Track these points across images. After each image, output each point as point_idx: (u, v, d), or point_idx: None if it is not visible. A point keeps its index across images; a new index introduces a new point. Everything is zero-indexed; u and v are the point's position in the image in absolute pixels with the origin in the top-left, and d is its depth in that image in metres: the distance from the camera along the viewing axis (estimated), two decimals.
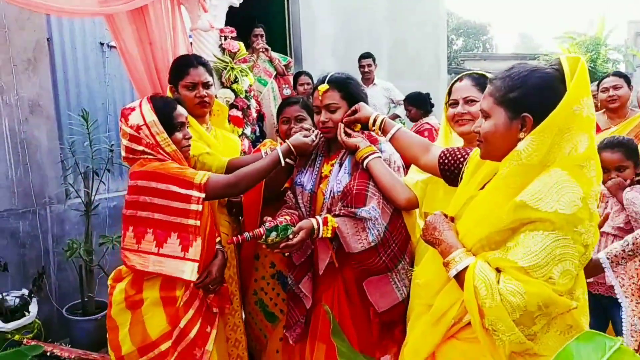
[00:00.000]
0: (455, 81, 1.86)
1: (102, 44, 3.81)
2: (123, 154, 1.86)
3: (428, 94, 5.07)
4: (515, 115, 1.27)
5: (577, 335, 0.73)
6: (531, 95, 1.25)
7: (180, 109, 1.87)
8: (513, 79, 1.28)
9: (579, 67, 1.22)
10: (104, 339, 3.17)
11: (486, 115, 1.33)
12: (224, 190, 1.85)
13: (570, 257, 1.19)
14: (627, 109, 3.29)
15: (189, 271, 1.75)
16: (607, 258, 1.94)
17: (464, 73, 1.88)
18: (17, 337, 2.72)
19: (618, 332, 2.36)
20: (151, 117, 1.79)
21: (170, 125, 1.82)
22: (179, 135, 1.84)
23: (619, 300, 2.06)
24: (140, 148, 1.80)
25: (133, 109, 1.82)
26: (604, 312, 2.42)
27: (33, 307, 2.92)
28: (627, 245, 1.94)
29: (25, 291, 2.97)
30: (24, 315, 2.85)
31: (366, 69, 5.52)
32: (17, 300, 2.90)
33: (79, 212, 3.29)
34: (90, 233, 3.19)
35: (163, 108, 1.83)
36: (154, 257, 1.75)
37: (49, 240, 3.30)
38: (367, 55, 5.51)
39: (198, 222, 1.76)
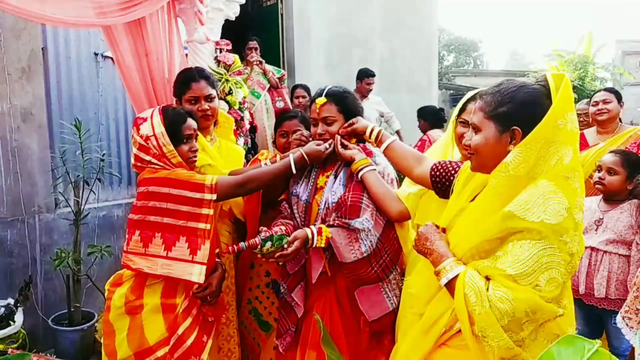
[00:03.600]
0: (471, 99, 1.84)
1: (96, 54, 3.83)
2: (132, 161, 1.90)
3: (441, 109, 5.27)
4: (504, 129, 1.32)
5: (559, 339, 0.77)
6: (519, 109, 1.31)
7: (190, 122, 1.90)
8: (502, 94, 1.34)
9: (563, 84, 1.28)
10: (89, 349, 3.18)
11: (477, 129, 1.38)
12: (234, 190, 1.89)
13: (557, 266, 1.23)
14: (616, 125, 3.32)
15: (197, 273, 1.77)
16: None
17: (481, 92, 1.81)
18: (1, 346, 2.69)
19: (611, 340, 2.39)
20: (159, 128, 1.83)
21: (178, 137, 1.86)
22: (184, 147, 1.87)
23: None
24: (148, 158, 1.84)
25: (145, 119, 1.87)
26: (598, 321, 2.46)
27: (18, 317, 2.88)
28: None
29: (11, 300, 2.94)
30: (9, 325, 2.81)
31: (371, 87, 5.62)
32: (3, 309, 2.87)
33: (67, 222, 3.28)
34: (78, 242, 3.18)
35: (172, 120, 1.86)
36: (163, 260, 1.77)
37: (37, 249, 3.28)
38: (374, 74, 5.61)
39: (209, 226, 1.80)
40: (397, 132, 5.83)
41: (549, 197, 1.24)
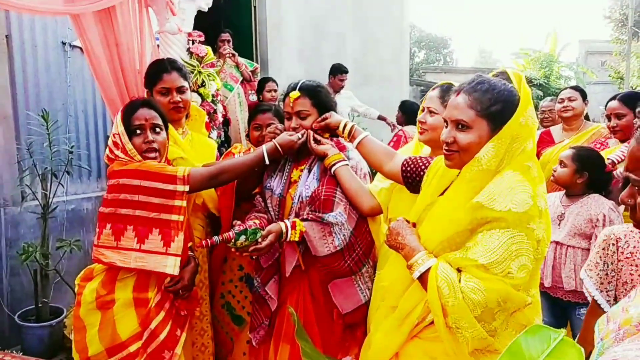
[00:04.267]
0: (435, 88, 1.90)
1: (64, 43, 3.72)
2: (107, 152, 1.89)
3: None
4: (496, 127, 1.35)
5: (526, 329, 0.81)
6: (509, 108, 1.35)
7: (140, 112, 1.86)
8: (492, 92, 1.35)
9: (523, 84, 1.37)
10: (58, 346, 3.11)
11: (466, 127, 1.37)
12: (207, 181, 1.88)
13: (526, 252, 1.28)
14: (581, 122, 3.42)
15: (171, 265, 1.76)
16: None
17: (441, 83, 1.90)
18: None
19: (575, 331, 2.50)
20: (120, 127, 1.84)
21: (128, 130, 1.84)
22: (136, 140, 1.84)
23: None
24: (117, 152, 1.84)
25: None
26: (563, 313, 2.56)
27: None
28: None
29: None
30: None
31: (343, 84, 5.66)
32: None
33: (35, 215, 3.19)
34: (46, 236, 3.10)
35: (124, 114, 1.86)
36: (136, 253, 1.75)
37: (2, 243, 3.18)
38: (347, 71, 5.66)
39: (182, 218, 1.79)
40: (380, 117, 5.89)
41: (515, 187, 1.30)
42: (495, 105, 1.35)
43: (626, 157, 1.04)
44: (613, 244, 1.77)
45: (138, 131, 1.84)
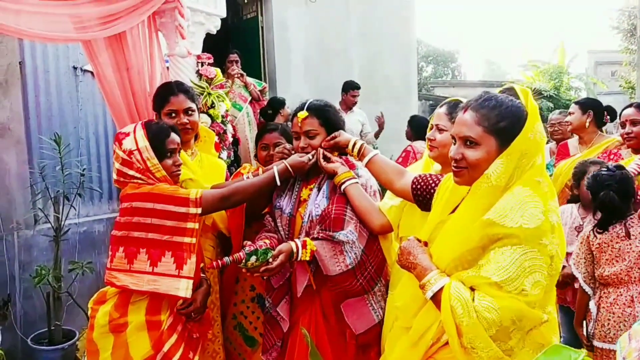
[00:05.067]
0: (442, 105, 1.91)
1: (75, 68, 3.78)
2: (114, 176, 1.88)
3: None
4: (504, 143, 1.34)
5: (545, 349, 0.78)
6: (517, 124, 1.34)
7: (173, 136, 1.91)
8: (501, 108, 1.35)
9: (530, 99, 1.37)
10: None
11: (474, 143, 1.36)
12: (219, 203, 1.89)
13: (539, 269, 1.26)
14: (594, 134, 3.36)
15: (184, 288, 1.76)
16: None
17: (449, 100, 1.92)
18: None
19: None
20: (143, 142, 1.83)
21: (162, 151, 1.86)
22: (168, 161, 1.87)
23: None
24: (132, 172, 1.83)
25: (127, 134, 1.86)
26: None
27: None
28: None
29: None
30: None
31: (356, 99, 5.70)
32: None
33: (47, 238, 3.22)
34: (59, 259, 3.12)
35: (156, 134, 1.86)
36: (148, 276, 1.76)
37: (16, 266, 3.20)
38: (359, 87, 5.71)
39: (194, 240, 1.80)
40: (375, 134, 5.92)
41: (525, 202, 1.28)
42: (503, 121, 1.34)
43: None
44: (585, 239, 2.33)
45: (170, 154, 1.87)
